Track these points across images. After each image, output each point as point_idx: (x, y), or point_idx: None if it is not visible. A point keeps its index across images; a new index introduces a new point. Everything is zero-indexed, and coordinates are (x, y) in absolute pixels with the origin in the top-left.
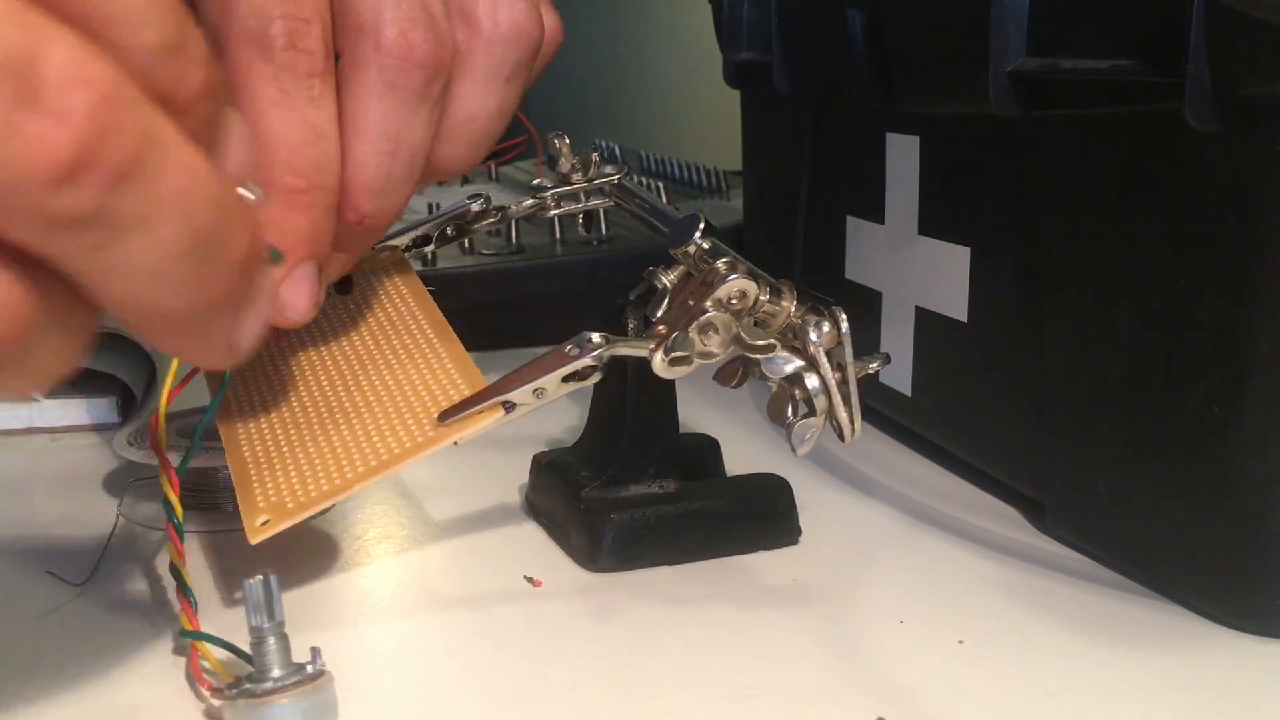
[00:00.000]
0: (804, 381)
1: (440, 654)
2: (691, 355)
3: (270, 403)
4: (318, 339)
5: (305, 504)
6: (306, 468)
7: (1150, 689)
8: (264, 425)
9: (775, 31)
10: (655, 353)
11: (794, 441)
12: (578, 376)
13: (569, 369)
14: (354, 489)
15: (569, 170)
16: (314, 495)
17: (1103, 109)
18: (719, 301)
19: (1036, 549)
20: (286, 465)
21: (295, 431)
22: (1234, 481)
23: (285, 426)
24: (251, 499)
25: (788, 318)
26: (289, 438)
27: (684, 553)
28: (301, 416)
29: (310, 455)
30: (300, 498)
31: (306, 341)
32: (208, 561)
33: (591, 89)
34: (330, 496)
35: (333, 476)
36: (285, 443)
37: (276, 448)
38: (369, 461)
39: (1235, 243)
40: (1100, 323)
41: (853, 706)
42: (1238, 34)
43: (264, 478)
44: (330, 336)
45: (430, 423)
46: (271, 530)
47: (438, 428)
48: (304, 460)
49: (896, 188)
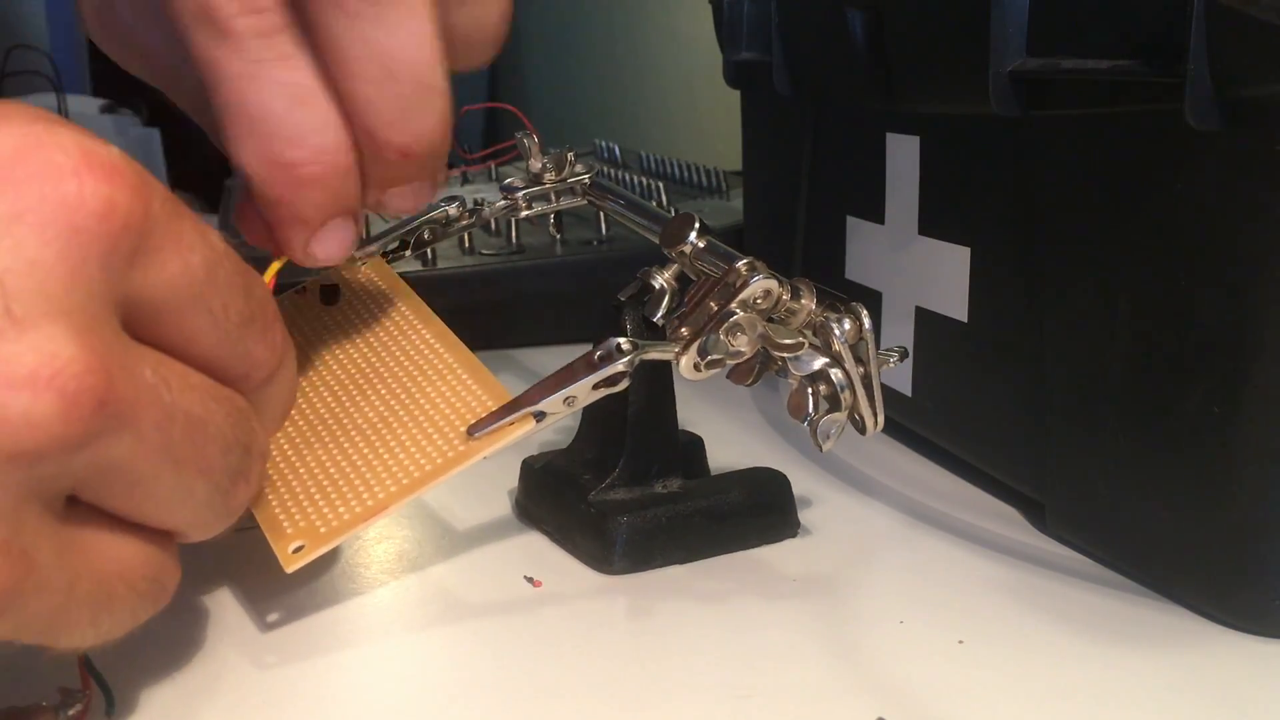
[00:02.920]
0: (830, 377)
1: (442, 658)
2: (724, 357)
3: None
4: (313, 356)
5: (339, 528)
6: (332, 490)
7: (1150, 689)
8: (273, 447)
9: (775, 31)
10: (683, 355)
11: (819, 437)
12: (608, 383)
13: (600, 377)
14: (390, 509)
15: (540, 170)
16: (347, 519)
17: (1103, 109)
18: (744, 302)
19: (1036, 549)
20: (308, 487)
21: (309, 451)
22: (1234, 481)
23: (297, 447)
24: (277, 525)
25: (808, 315)
26: (302, 458)
27: (693, 551)
28: (313, 437)
29: (332, 476)
30: (333, 521)
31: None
32: (207, 563)
33: (591, 89)
34: (366, 519)
35: (363, 498)
36: (301, 464)
37: (293, 470)
38: (400, 480)
39: (1235, 243)
40: (1100, 323)
41: (853, 706)
42: (1238, 34)
43: (285, 502)
44: (325, 353)
45: (459, 436)
46: (306, 558)
47: (468, 441)
48: (327, 482)
49: (896, 188)
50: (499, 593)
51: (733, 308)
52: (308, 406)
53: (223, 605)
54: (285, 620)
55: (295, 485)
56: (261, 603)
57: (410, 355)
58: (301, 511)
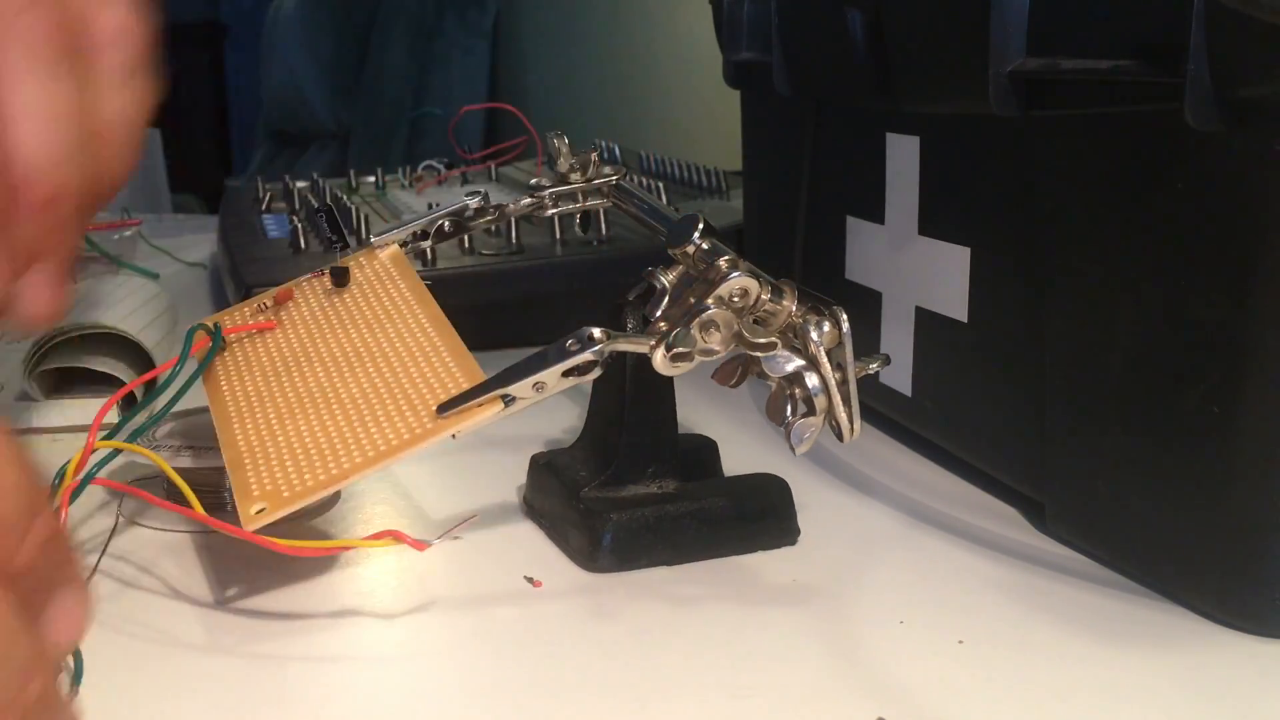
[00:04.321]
0: (804, 380)
1: (440, 654)
2: (693, 352)
3: (265, 393)
4: (314, 331)
5: (301, 493)
6: (303, 457)
7: (1150, 689)
8: (258, 415)
9: (775, 31)
10: (656, 349)
11: (793, 440)
12: (578, 371)
13: (569, 364)
14: (351, 478)
15: (567, 170)
16: (310, 484)
17: (1103, 109)
18: (720, 299)
19: (1036, 549)
20: (282, 454)
21: (291, 422)
22: (1233, 481)
23: (281, 417)
24: (246, 487)
25: (789, 317)
26: (284, 428)
27: (683, 553)
28: (298, 407)
29: (306, 445)
30: (296, 486)
31: (302, 333)
32: (209, 562)
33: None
34: (327, 485)
35: (329, 466)
36: (280, 432)
37: (271, 437)
38: (366, 452)
39: (1235, 243)
40: (1100, 323)
41: (853, 707)
42: (1238, 34)
43: (259, 466)
44: (327, 329)
45: (429, 415)
46: (267, 518)
47: (436, 420)
48: (299, 450)
49: (896, 188)
50: (497, 587)
51: (707, 303)
52: (300, 381)
53: (220, 602)
54: (283, 618)
55: (272, 452)
56: (259, 599)
57: (402, 337)
58: (271, 477)
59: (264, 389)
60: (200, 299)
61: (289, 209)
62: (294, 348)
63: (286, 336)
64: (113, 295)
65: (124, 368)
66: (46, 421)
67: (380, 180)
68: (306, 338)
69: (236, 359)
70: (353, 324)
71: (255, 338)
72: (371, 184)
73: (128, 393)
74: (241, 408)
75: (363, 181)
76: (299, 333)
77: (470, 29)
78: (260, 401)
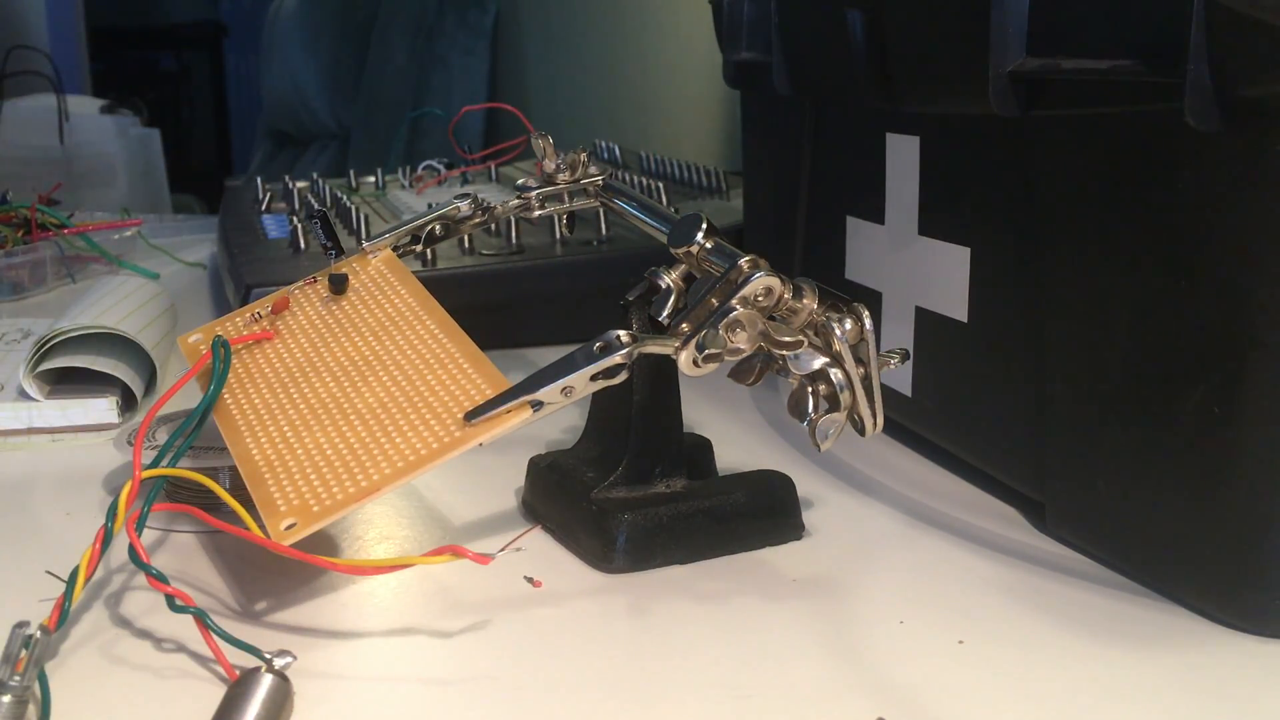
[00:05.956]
0: (829, 377)
1: (442, 656)
2: (722, 353)
3: (274, 405)
4: (317, 341)
5: (332, 507)
6: (327, 470)
7: (1150, 689)
8: (270, 428)
9: (775, 31)
10: (683, 350)
11: (818, 437)
12: (606, 375)
13: (598, 368)
14: (383, 490)
15: (554, 170)
16: (340, 498)
17: (1103, 109)
18: (745, 299)
19: (1036, 549)
20: (304, 468)
21: (308, 434)
22: (1233, 481)
23: (296, 429)
24: (271, 502)
25: (810, 315)
26: (301, 440)
27: (694, 551)
28: (312, 419)
29: (329, 457)
30: (326, 500)
31: (304, 342)
32: (208, 562)
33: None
34: (359, 499)
35: (358, 479)
36: (299, 445)
37: (290, 450)
38: (395, 463)
39: (1235, 243)
40: (1100, 323)
41: (853, 706)
42: (1238, 34)
43: (280, 480)
44: (329, 337)
45: (455, 423)
46: (298, 534)
47: (464, 428)
48: (322, 462)
49: (896, 188)
50: (500, 591)
51: (733, 304)
52: (310, 392)
53: (221, 604)
54: (285, 620)
55: (293, 466)
56: (260, 601)
57: (413, 343)
58: (296, 491)
59: (272, 401)
60: (200, 299)
61: (289, 209)
62: (297, 358)
63: (288, 346)
64: (113, 295)
65: (124, 368)
66: (46, 421)
67: (380, 180)
68: (309, 347)
69: (238, 370)
70: (356, 332)
71: (255, 348)
72: (371, 184)
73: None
74: (252, 420)
75: (363, 182)
76: (300, 342)
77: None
78: (271, 413)
